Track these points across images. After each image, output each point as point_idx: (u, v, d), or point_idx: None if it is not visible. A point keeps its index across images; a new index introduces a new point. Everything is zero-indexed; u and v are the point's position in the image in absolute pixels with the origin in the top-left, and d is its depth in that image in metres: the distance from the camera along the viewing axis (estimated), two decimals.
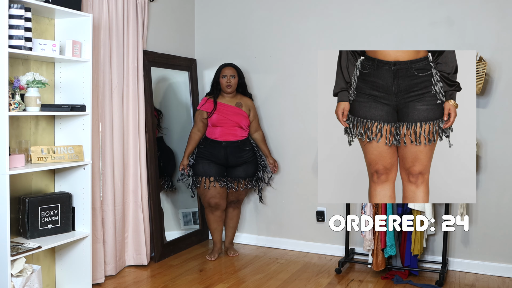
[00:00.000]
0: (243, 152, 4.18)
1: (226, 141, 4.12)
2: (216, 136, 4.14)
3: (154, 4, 4.27)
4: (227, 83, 4.15)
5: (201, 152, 4.18)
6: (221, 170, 4.16)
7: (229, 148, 4.13)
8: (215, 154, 4.13)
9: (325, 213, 4.44)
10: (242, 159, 4.17)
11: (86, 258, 3.34)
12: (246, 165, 4.21)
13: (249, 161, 4.22)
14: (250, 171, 4.24)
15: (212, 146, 4.14)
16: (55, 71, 3.34)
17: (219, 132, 4.14)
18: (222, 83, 4.16)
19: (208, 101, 4.20)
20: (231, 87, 4.17)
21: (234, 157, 4.14)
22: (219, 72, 4.21)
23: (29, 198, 3.07)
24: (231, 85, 4.16)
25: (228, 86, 4.16)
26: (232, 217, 4.36)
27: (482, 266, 3.95)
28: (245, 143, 4.21)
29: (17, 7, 2.79)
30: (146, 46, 4.16)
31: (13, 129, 3.05)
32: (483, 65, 3.62)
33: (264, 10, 4.58)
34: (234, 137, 4.14)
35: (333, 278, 3.85)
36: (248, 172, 4.23)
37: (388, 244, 3.77)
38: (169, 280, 3.76)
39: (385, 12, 4.14)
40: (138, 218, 3.99)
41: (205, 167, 4.14)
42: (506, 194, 3.87)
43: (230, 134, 4.13)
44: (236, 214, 4.37)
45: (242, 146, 4.18)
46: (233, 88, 4.19)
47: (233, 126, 4.14)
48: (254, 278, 3.84)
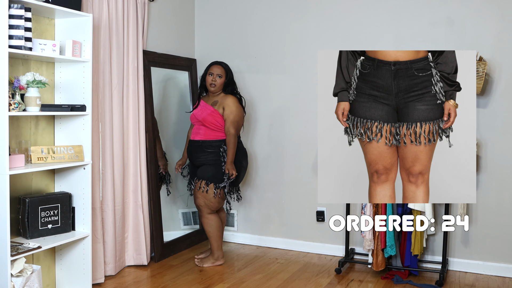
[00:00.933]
0: (201, 153, 4.00)
1: (192, 139, 4.08)
2: (191, 135, 4.14)
3: (154, 4, 4.27)
4: (212, 82, 4.04)
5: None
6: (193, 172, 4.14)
7: (192, 147, 4.07)
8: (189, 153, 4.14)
9: (325, 213, 4.44)
10: (199, 160, 4.02)
11: (86, 258, 3.34)
12: (205, 166, 3.99)
13: (208, 164, 3.98)
14: (207, 174, 3.96)
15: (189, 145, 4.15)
16: (55, 71, 3.34)
17: (192, 130, 4.13)
18: (207, 80, 4.06)
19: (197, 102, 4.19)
20: (215, 86, 4.04)
21: (194, 157, 4.06)
22: (207, 69, 4.11)
23: (29, 198, 3.07)
24: (215, 84, 4.03)
25: (212, 85, 4.04)
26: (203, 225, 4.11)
27: (482, 266, 3.95)
28: (207, 145, 3.98)
29: (17, 7, 2.79)
30: (146, 46, 4.16)
31: (13, 129, 3.05)
32: (483, 65, 3.62)
33: (264, 10, 4.58)
34: (197, 136, 4.04)
35: (333, 278, 3.85)
36: (204, 175, 3.96)
37: (388, 244, 3.77)
38: (169, 280, 3.76)
39: (385, 12, 4.14)
40: (138, 218, 3.99)
41: (189, 169, 4.22)
42: (506, 194, 3.87)
43: (195, 133, 4.07)
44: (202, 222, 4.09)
45: (202, 146, 4.00)
46: (217, 88, 4.04)
47: (198, 125, 4.06)
48: (254, 278, 3.84)
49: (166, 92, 4.65)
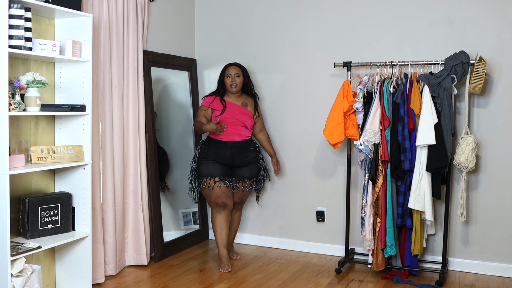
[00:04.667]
0: (248, 152, 4.14)
1: (232, 141, 4.06)
2: (221, 136, 4.05)
3: (154, 4, 4.27)
4: (232, 82, 4.10)
5: (205, 153, 4.08)
6: (226, 170, 4.09)
7: (235, 148, 4.07)
8: (220, 155, 4.05)
9: (325, 213, 4.44)
10: (247, 159, 4.13)
11: (86, 258, 3.34)
12: (251, 165, 4.17)
13: (253, 162, 4.18)
14: (255, 171, 4.20)
15: (216, 147, 4.06)
16: (55, 71, 3.34)
17: (229, 131, 4.08)
18: (227, 82, 4.11)
19: (216, 99, 4.14)
20: (236, 86, 4.12)
21: (239, 157, 4.09)
22: (224, 71, 4.16)
23: (29, 198, 3.07)
24: (236, 84, 4.11)
25: (233, 86, 4.11)
26: (234, 219, 4.31)
27: (482, 266, 3.94)
28: (250, 143, 4.17)
29: (17, 7, 2.79)
30: (146, 46, 4.16)
31: (13, 129, 3.05)
32: (483, 65, 3.61)
33: (264, 10, 4.58)
34: (240, 137, 4.09)
35: (333, 278, 3.84)
36: (253, 172, 4.19)
37: (388, 244, 3.77)
38: (169, 280, 3.76)
39: (385, 12, 4.14)
40: (138, 218, 3.99)
41: (210, 167, 4.05)
42: (506, 194, 3.87)
43: (235, 134, 4.07)
44: (238, 216, 4.33)
45: (247, 146, 4.13)
46: (238, 87, 4.14)
47: (238, 126, 4.09)
48: (254, 278, 3.84)
49: (164, 92, 4.65)
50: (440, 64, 3.77)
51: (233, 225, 4.33)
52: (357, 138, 3.84)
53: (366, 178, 3.81)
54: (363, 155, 3.81)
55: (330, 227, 4.42)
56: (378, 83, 3.82)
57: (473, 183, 3.94)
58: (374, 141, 3.72)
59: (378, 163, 3.75)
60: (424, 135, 3.58)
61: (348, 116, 3.87)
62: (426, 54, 3.98)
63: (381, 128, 3.73)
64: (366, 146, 3.74)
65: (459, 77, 3.65)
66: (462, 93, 3.86)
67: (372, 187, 3.79)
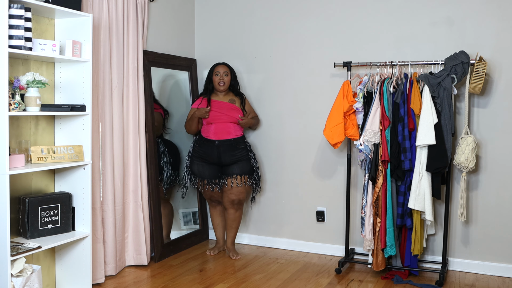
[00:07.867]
0: (236, 150, 4.18)
1: (219, 139, 4.14)
2: (210, 135, 4.17)
3: (154, 4, 4.26)
4: (220, 80, 4.21)
5: (196, 151, 4.24)
6: (214, 171, 4.21)
7: (222, 147, 4.15)
8: (209, 154, 4.17)
9: (325, 213, 4.44)
10: (235, 157, 4.18)
11: (86, 258, 3.34)
12: (242, 162, 4.21)
13: (244, 159, 4.22)
14: (246, 168, 4.23)
15: (206, 145, 4.18)
16: (55, 71, 3.34)
17: (213, 129, 4.16)
18: (215, 80, 4.23)
19: (203, 100, 4.25)
20: (224, 84, 4.23)
21: (227, 155, 4.16)
22: (212, 70, 4.29)
23: (29, 198, 3.07)
24: (224, 82, 4.22)
25: (221, 84, 4.21)
26: (234, 219, 4.33)
27: (482, 266, 3.94)
28: (239, 142, 4.21)
29: (17, 7, 2.79)
30: (146, 46, 4.16)
31: (13, 129, 3.05)
32: (483, 65, 3.61)
33: (264, 10, 4.58)
34: (228, 135, 4.16)
35: (333, 278, 3.84)
36: (244, 169, 4.22)
37: (388, 244, 3.77)
38: (169, 280, 3.76)
39: (385, 11, 4.14)
40: (138, 218, 3.99)
41: (200, 168, 4.22)
42: (506, 194, 3.87)
43: (224, 131, 4.15)
44: (238, 215, 4.34)
45: (235, 144, 4.19)
46: (226, 85, 4.25)
47: (227, 122, 4.16)
48: (254, 278, 3.84)
49: (166, 91, 4.65)
50: (440, 64, 3.77)
51: (234, 224, 4.34)
52: (357, 138, 3.84)
53: (366, 178, 3.82)
54: (363, 155, 3.81)
55: (330, 227, 4.42)
56: (378, 83, 3.82)
57: (473, 183, 3.94)
58: (374, 141, 3.73)
59: (378, 163, 3.75)
60: (424, 135, 3.58)
61: (348, 116, 3.87)
62: (426, 54, 3.98)
63: (381, 128, 3.73)
64: (366, 146, 3.74)
65: (459, 77, 3.65)
66: (462, 93, 3.86)
67: (372, 187, 3.79)
